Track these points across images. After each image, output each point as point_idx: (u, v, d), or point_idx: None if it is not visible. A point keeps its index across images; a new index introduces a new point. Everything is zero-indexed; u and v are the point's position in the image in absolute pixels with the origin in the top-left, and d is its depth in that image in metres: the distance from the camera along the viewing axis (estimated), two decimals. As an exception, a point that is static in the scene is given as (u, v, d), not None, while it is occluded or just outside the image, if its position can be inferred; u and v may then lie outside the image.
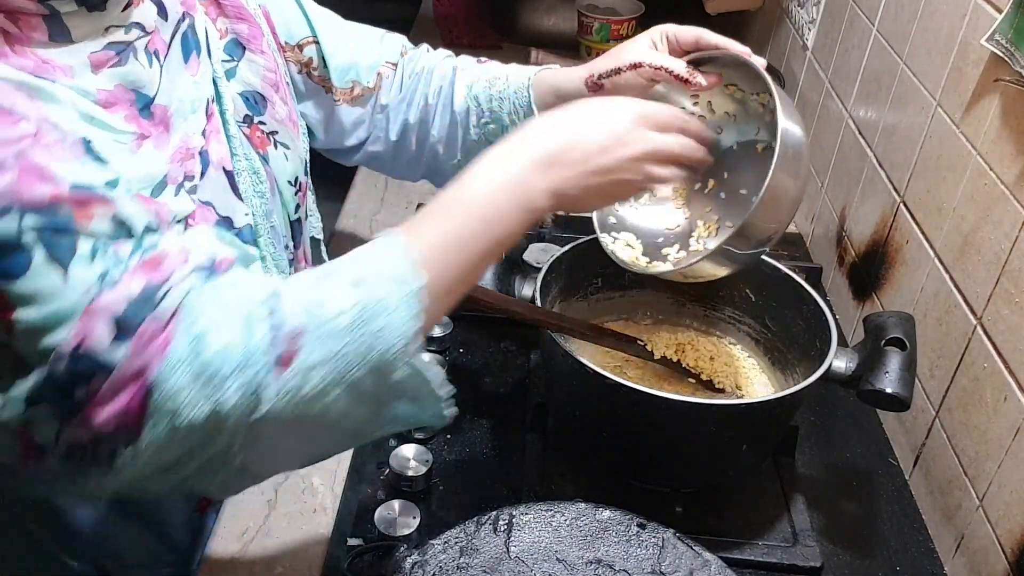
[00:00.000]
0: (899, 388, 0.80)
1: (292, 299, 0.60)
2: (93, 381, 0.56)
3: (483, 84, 0.95)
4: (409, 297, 0.60)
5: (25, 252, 0.54)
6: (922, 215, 1.00)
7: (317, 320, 0.58)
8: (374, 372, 0.59)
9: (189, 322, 0.57)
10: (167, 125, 0.72)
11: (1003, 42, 0.82)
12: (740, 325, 1.02)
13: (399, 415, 0.63)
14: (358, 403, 0.60)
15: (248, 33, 0.83)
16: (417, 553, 0.75)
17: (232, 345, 0.57)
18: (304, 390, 0.58)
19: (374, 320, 0.59)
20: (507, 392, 1.04)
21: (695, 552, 0.76)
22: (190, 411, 0.56)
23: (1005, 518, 0.81)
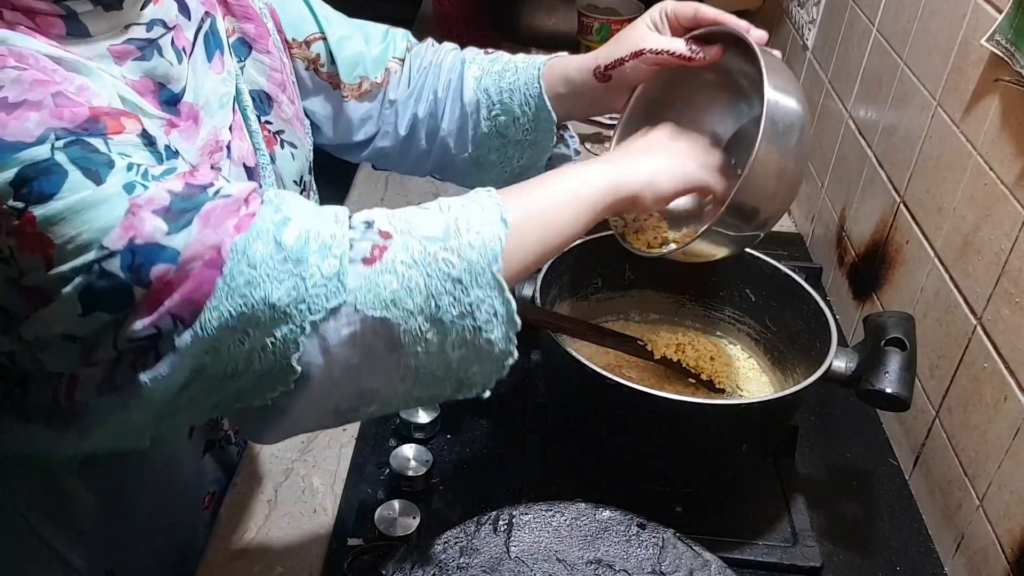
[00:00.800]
0: (899, 388, 0.80)
1: (378, 211, 0.63)
2: (156, 270, 0.56)
3: (492, 76, 0.94)
4: (496, 218, 0.63)
5: (59, 172, 0.55)
6: (922, 215, 1.00)
7: (407, 227, 0.61)
8: (456, 286, 0.60)
9: (274, 205, 0.60)
10: (196, 119, 0.73)
11: (1003, 42, 0.82)
12: (740, 325, 1.02)
13: (461, 356, 0.63)
14: (430, 326, 0.61)
15: (255, 32, 0.84)
16: (417, 553, 0.75)
17: (318, 229, 0.59)
18: (387, 290, 0.59)
19: (464, 233, 0.61)
20: (507, 392, 1.04)
21: (695, 552, 0.76)
22: (266, 284, 0.57)
23: (1005, 518, 0.81)
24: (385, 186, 1.44)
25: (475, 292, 0.61)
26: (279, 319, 0.58)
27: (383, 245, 0.60)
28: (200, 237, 0.57)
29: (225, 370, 0.59)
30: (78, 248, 0.55)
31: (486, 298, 0.61)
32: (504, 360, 0.64)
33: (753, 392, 0.97)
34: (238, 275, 0.56)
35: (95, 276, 0.56)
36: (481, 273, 0.61)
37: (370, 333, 0.60)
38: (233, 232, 0.57)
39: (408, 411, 0.96)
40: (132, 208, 0.56)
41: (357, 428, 0.98)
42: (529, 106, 0.92)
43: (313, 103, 0.96)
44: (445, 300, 0.60)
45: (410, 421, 0.95)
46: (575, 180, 0.71)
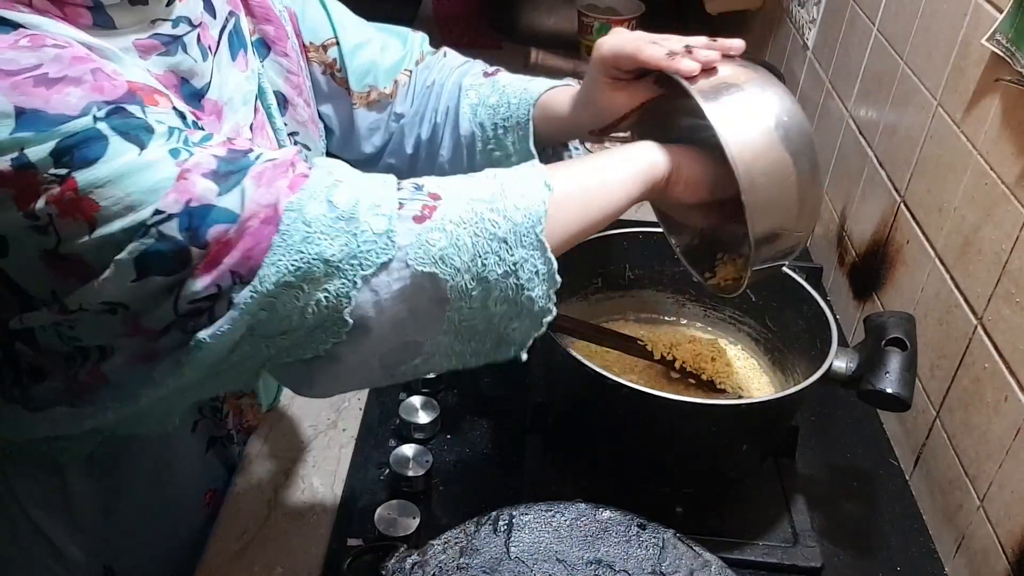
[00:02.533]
0: (900, 388, 0.80)
1: (424, 177, 0.66)
2: (214, 231, 0.58)
3: (488, 109, 0.92)
4: (539, 184, 0.66)
5: (100, 139, 0.56)
6: (923, 215, 1.00)
7: (456, 189, 0.65)
8: (501, 245, 0.63)
9: (325, 170, 0.62)
10: (219, 115, 0.74)
11: (1004, 42, 0.82)
12: (740, 325, 1.02)
13: (503, 312, 0.66)
14: (475, 282, 0.64)
15: (274, 34, 0.85)
16: (417, 553, 0.75)
17: (369, 190, 0.62)
18: (436, 247, 0.62)
19: (509, 195, 0.64)
20: (507, 392, 1.04)
21: (695, 552, 0.76)
22: (321, 241, 0.59)
23: (1006, 518, 0.81)
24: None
25: (519, 252, 0.64)
26: (332, 274, 0.60)
27: (433, 205, 0.63)
28: (256, 196, 0.59)
29: (279, 325, 0.61)
30: (126, 209, 0.57)
31: (529, 257, 0.64)
32: (543, 317, 0.68)
33: (753, 392, 0.96)
34: (294, 232, 0.59)
35: (153, 239, 0.57)
36: (526, 234, 0.64)
37: (418, 287, 0.62)
38: (288, 191, 0.60)
39: (408, 411, 0.96)
40: (182, 172, 0.58)
41: (357, 428, 0.98)
42: (521, 146, 0.92)
43: (327, 108, 0.96)
44: (491, 259, 0.63)
45: (410, 421, 0.95)
46: (616, 156, 0.74)
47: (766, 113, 0.72)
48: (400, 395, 1.00)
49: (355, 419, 1.00)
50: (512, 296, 0.65)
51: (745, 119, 0.71)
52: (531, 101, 0.89)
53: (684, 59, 0.74)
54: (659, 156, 0.75)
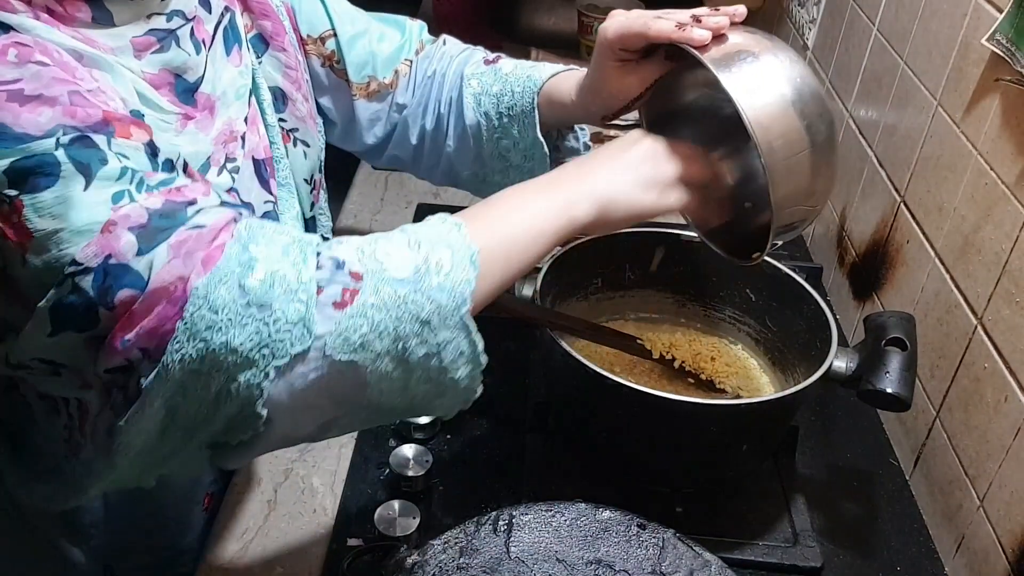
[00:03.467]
0: (900, 388, 0.80)
1: (346, 248, 0.61)
2: (121, 295, 0.56)
3: (491, 98, 0.92)
4: (466, 260, 0.62)
5: (54, 164, 0.55)
6: (923, 215, 1.00)
7: (378, 267, 0.60)
8: (424, 328, 0.60)
9: (242, 244, 0.58)
10: (212, 110, 0.74)
11: (1004, 41, 0.82)
12: (740, 325, 1.02)
13: (425, 391, 0.64)
14: (396, 365, 0.61)
15: (271, 29, 0.84)
16: (417, 553, 0.75)
17: (284, 272, 0.58)
18: (356, 334, 0.58)
19: (433, 275, 0.61)
20: (507, 392, 1.04)
21: (695, 552, 0.76)
22: (229, 329, 0.56)
23: (1006, 518, 0.81)
24: (385, 186, 1.44)
25: (443, 333, 0.61)
26: (242, 364, 0.57)
27: (354, 288, 0.59)
28: (168, 267, 0.56)
29: (197, 414, 0.59)
30: (53, 244, 0.55)
31: (453, 339, 0.61)
32: (468, 396, 0.65)
33: (753, 392, 0.96)
34: (199, 320, 0.55)
35: (67, 291, 0.56)
36: (450, 315, 0.61)
37: (337, 375, 0.59)
38: (200, 268, 0.56)
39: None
40: (110, 223, 0.55)
41: (357, 428, 0.98)
42: (526, 134, 0.91)
43: (326, 100, 0.96)
44: (412, 342, 0.60)
45: (410, 421, 0.95)
46: (539, 209, 0.70)
47: (781, 79, 0.71)
48: (400, 395, 1.00)
49: (355, 419, 0.99)
50: (435, 377, 0.62)
51: (761, 86, 0.71)
52: (535, 89, 0.89)
53: (694, 29, 0.73)
54: (583, 204, 0.71)
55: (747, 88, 0.70)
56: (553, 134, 0.93)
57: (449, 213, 0.66)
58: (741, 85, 0.70)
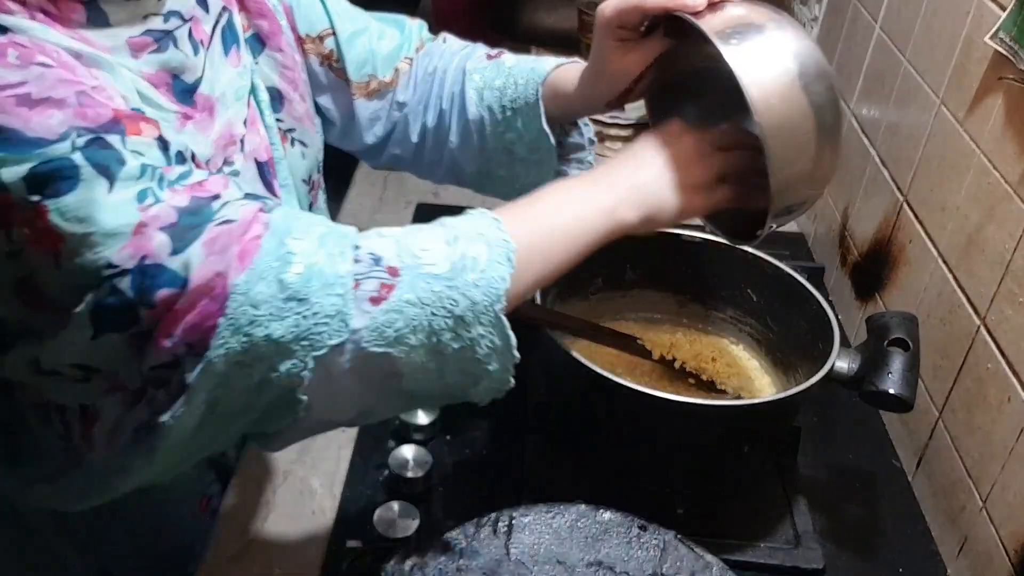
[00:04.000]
0: (902, 389, 0.79)
1: (385, 241, 0.62)
2: (161, 293, 0.56)
3: (495, 92, 0.91)
4: (502, 257, 0.63)
5: (73, 168, 0.55)
6: (925, 214, 1.00)
7: (415, 262, 0.61)
8: (458, 323, 0.61)
9: (278, 237, 0.59)
10: (211, 111, 0.74)
11: (1007, 40, 0.82)
12: (742, 325, 1.01)
13: (459, 381, 0.65)
14: (431, 356, 0.62)
15: (268, 29, 0.84)
16: (416, 555, 0.74)
17: (322, 265, 0.59)
18: (391, 329, 0.60)
19: (469, 272, 0.61)
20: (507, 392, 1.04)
21: (696, 554, 0.75)
22: (269, 323, 0.57)
23: (1009, 520, 0.80)
24: (384, 185, 1.43)
25: (477, 329, 0.62)
26: (283, 354, 0.58)
27: (391, 283, 0.60)
28: (206, 264, 0.57)
29: (238, 404, 0.60)
30: (87, 247, 0.55)
31: (487, 334, 0.63)
32: (502, 387, 0.66)
33: (755, 393, 0.96)
34: (241, 315, 0.57)
35: (105, 293, 0.56)
36: (484, 312, 0.62)
37: (373, 366, 0.61)
38: (237, 263, 0.57)
39: (407, 412, 0.95)
40: (141, 224, 0.56)
41: (356, 430, 0.98)
42: (531, 127, 0.90)
43: (325, 100, 0.95)
44: (447, 336, 0.61)
45: (409, 422, 0.94)
46: (584, 209, 0.70)
47: (787, 54, 0.69)
48: (400, 395, 0.99)
49: (354, 420, 0.99)
50: (469, 369, 0.64)
51: (765, 60, 0.68)
52: (539, 81, 0.88)
53: None
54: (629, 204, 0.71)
55: (750, 62, 0.67)
56: (557, 129, 0.92)
57: (483, 210, 0.66)
58: (743, 58, 0.67)
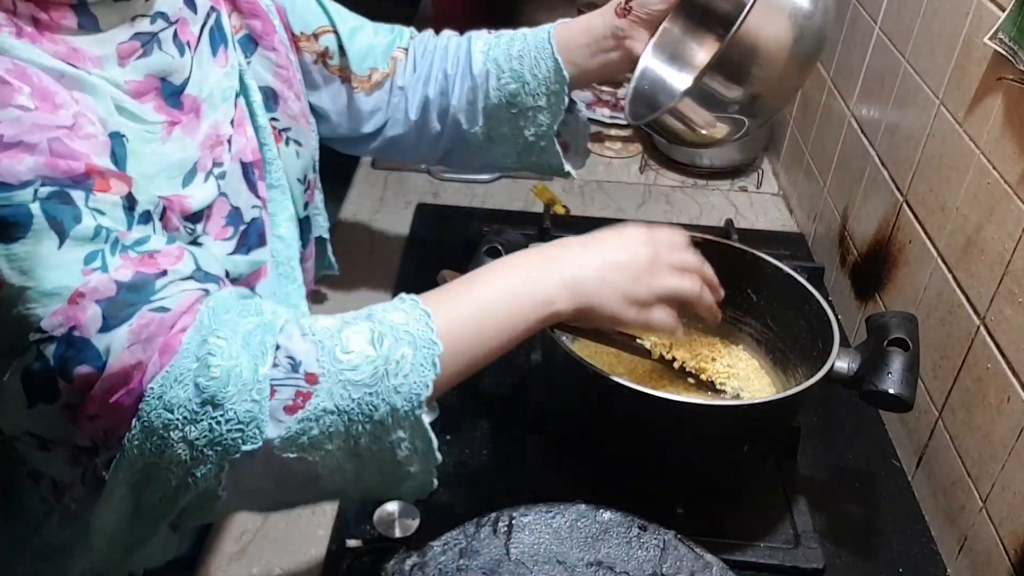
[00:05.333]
0: (902, 389, 0.79)
1: (309, 341, 0.60)
2: (80, 369, 0.56)
3: (501, 47, 0.97)
4: (427, 361, 0.60)
5: (30, 218, 0.55)
6: (925, 214, 1.00)
7: (335, 367, 0.59)
8: (377, 428, 0.60)
9: (202, 335, 0.58)
10: (198, 113, 0.73)
11: (1006, 40, 0.82)
12: (741, 325, 1.01)
13: (380, 482, 0.64)
14: (348, 459, 0.61)
15: (261, 29, 0.84)
16: (416, 555, 0.74)
17: (241, 368, 0.57)
18: (306, 436, 0.58)
19: (392, 377, 0.59)
20: (507, 392, 1.04)
21: (696, 554, 0.75)
22: (185, 427, 0.56)
23: (1008, 519, 0.80)
24: (384, 185, 1.43)
25: (397, 433, 0.61)
26: (198, 459, 0.57)
27: (308, 392, 0.58)
28: (127, 352, 0.56)
29: (161, 501, 0.59)
30: (22, 302, 0.55)
31: (407, 437, 0.61)
32: (425, 489, 0.65)
33: (755, 393, 0.96)
34: (155, 418, 0.56)
35: (32, 358, 0.56)
36: (405, 417, 0.60)
37: (287, 470, 0.60)
38: (158, 357, 0.56)
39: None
40: (78, 294, 0.55)
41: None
42: (540, 69, 0.94)
43: (322, 98, 0.96)
44: (365, 439, 0.60)
45: (410, 422, 0.94)
46: (517, 302, 0.67)
47: None
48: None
49: (354, 420, 0.99)
50: (389, 471, 0.63)
51: None
52: (548, 28, 0.95)
53: None
54: (564, 298, 0.68)
55: None
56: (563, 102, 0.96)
57: (414, 300, 0.64)
58: None
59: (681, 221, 1.40)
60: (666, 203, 1.45)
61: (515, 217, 1.33)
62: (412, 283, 1.18)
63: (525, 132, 0.98)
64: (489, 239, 0.93)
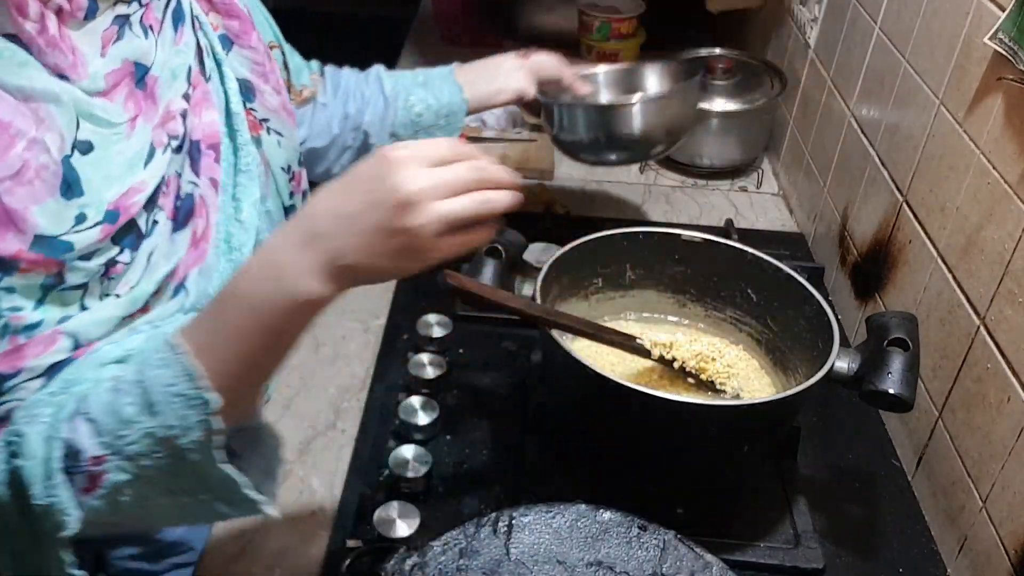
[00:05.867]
0: (902, 389, 0.79)
1: (84, 430, 0.62)
2: None
3: (407, 75, 1.15)
4: (202, 420, 0.60)
5: None
6: (925, 214, 1.00)
7: (117, 445, 0.61)
8: (186, 478, 0.62)
9: (7, 439, 0.64)
10: (154, 97, 0.75)
11: (1006, 40, 0.82)
12: (742, 325, 1.01)
13: (211, 507, 0.65)
14: (177, 497, 0.64)
15: (238, 28, 0.87)
16: (416, 555, 0.74)
17: (36, 461, 0.62)
18: (116, 504, 0.62)
19: (174, 441, 0.60)
20: (507, 392, 1.04)
21: (696, 554, 0.75)
22: (14, 516, 0.63)
23: (1008, 519, 0.80)
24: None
25: (204, 479, 0.63)
26: (38, 541, 0.64)
27: (97, 472, 0.61)
28: None
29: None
30: None
31: (219, 483, 0.63)
32: (261, 510, 0.66)
33: (755, 393, 0.96)
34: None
35: None
36: (205, 466, 0.61)
37: (112, 525, 0.66)
38: None
39: (408, 412, 0.95)
40: None
41: (356, 429, 0.98)
42: (442, 92, 1.13)
43: None
44: (170, 485, 0.64)
45: (410, 422, 0.95)
46: (267, 318, 0.61)
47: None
48: (400, 396, 0.99)
49: (354, 420, 0.99)
50: (208, 505, 0.65)
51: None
52: (451, 65, 1.16)
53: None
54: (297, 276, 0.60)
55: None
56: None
57: (176, 357, 0.61)
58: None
59: (681, 221, 1.40)
60: (666, 203, 1.45)
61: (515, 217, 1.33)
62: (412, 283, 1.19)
63: None
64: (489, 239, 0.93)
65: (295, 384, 1.04)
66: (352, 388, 1.04)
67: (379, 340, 1.10)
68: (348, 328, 1.13)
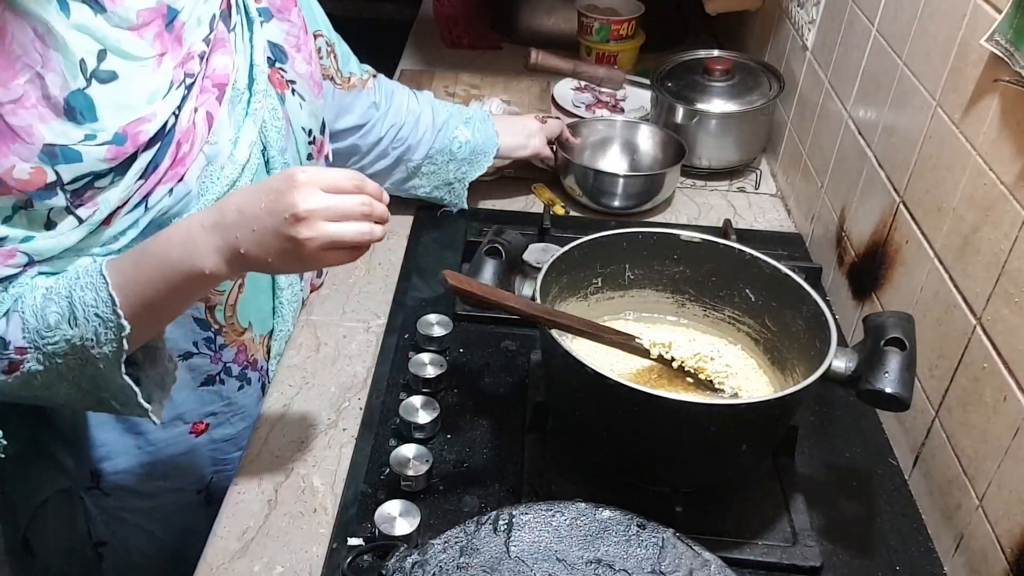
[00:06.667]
0: (899, 388, 0.80)
1: (15, 326, 0.76)
2: None
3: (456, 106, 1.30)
4: (115, 339, 0.74)
5: None
6: (922, 215, 1.00)
7: (39, 343, 0.76)
8: (91, 379, 0.77)
9: None
10: (180, 39, 0.82)
11: (1003, 42, 0.82)
12: (740, 325, 1.02)
13: (115, 407, 0.80)
14: (81, 389, 0.78)
15: (280, 4, 0.95)
16: (417, 553, 0.75)
17: None
18: (28, 387, 0.78)
19: (87, 350, 0.75)
20: (507, 392, 1.04)
21: (695, 552, 0.76)
22: None
23: (1005, 518, 0.81)
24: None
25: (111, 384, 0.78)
26: None
27: (17, 362, 0.76)
28: None
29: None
30: None
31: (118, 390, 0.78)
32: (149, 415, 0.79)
33: (753, 392, 0.97)
34: None
35: None
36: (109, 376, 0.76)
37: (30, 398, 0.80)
38: None
39: (408, 411, 0.96)
40: None
41: (357, 428, 0.98)
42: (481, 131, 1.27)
43: None
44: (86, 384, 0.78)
45: (410, 421, 0.95)
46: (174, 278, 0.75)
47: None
48: (400, 395, 1.00)
49: (355, 419, 1.00)
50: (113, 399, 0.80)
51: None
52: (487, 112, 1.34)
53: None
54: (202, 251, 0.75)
55: None
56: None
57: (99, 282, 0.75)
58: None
59: (680, 221, 1.40)
60: (665, 203, 1.45)
61: (515, 217, 1.33)
62: (413, 283, 1.19)
63: (449, 175, 1.27)
64: (489, 239, 0.94)
65: (297, 383, 1.04)
66: (353, 387, 1.04)
67: (380, 340, 1.11)
68: (349, 328, 1.13)
